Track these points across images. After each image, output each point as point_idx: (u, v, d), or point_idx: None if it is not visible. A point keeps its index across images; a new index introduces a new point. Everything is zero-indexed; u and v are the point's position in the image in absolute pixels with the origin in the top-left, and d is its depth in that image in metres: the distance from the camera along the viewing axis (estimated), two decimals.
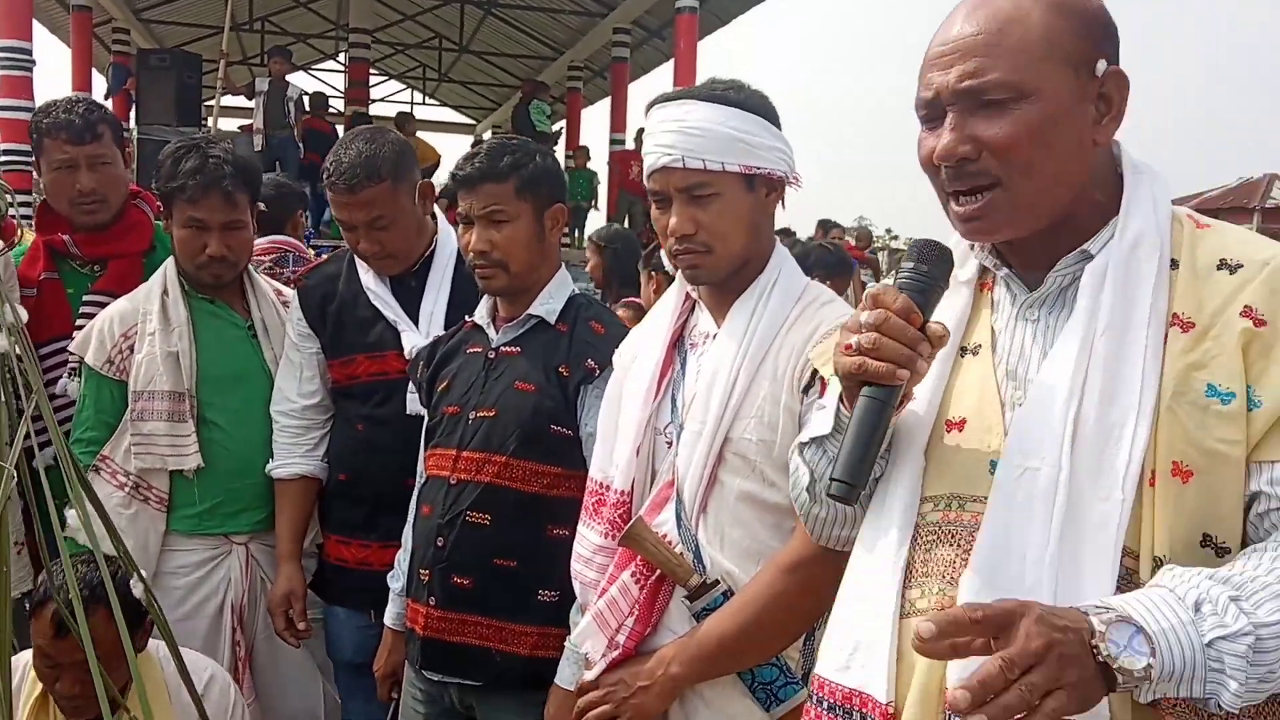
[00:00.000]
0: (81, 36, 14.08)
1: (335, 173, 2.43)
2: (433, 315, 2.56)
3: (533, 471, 2.10)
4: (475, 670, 2.12)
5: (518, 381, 2.15)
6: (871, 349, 1.18)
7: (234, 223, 2.55)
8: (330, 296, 2.60)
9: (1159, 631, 0.99)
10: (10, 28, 9.57)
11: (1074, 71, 1.18)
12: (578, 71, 17.27)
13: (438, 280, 2.59)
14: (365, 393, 2.55)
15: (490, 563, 2.09)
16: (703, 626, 1.69)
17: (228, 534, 2.56)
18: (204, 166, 2.50)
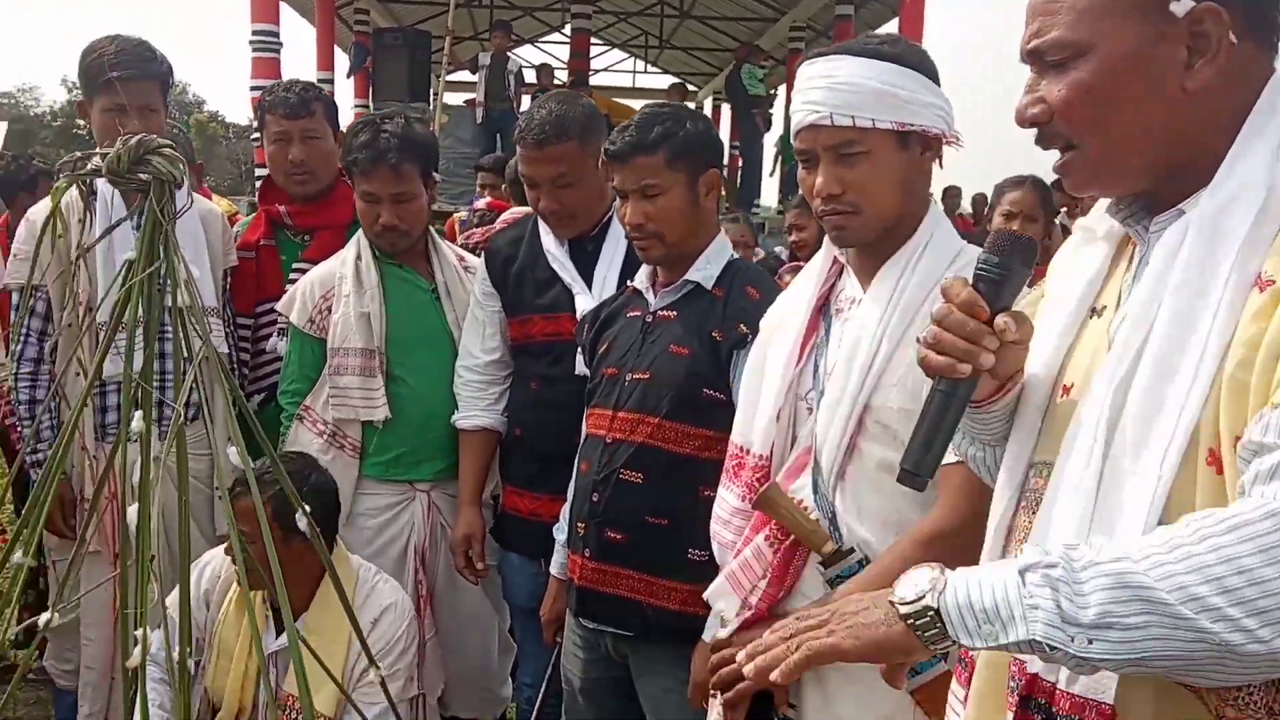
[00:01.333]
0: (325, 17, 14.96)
1: (526, 129, 2.55)
2: (606, 280, 2.64)
3: (685, 433, 2.15)
4: (627, 621, 2.20)
5: (672, 345, 2.19)
6: (932, 343, 1.20)
7: (402, 194, 2.71)
8: (512, 258, 2.72)
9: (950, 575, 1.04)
10: (260, 12, 10.32)
11: (1141, 17, 1.11)
12: (800, 32, 16.98)
13: (613, 246, 2.67)
14: (540, 352, 2.66)
15: (642, 520, 2.16)
16: (836, 593, 1.69)
17: (412, 481, 2.75)
18: (373, 141, 2.67)
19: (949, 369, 1.19)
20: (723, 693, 1.79)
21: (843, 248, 1.83)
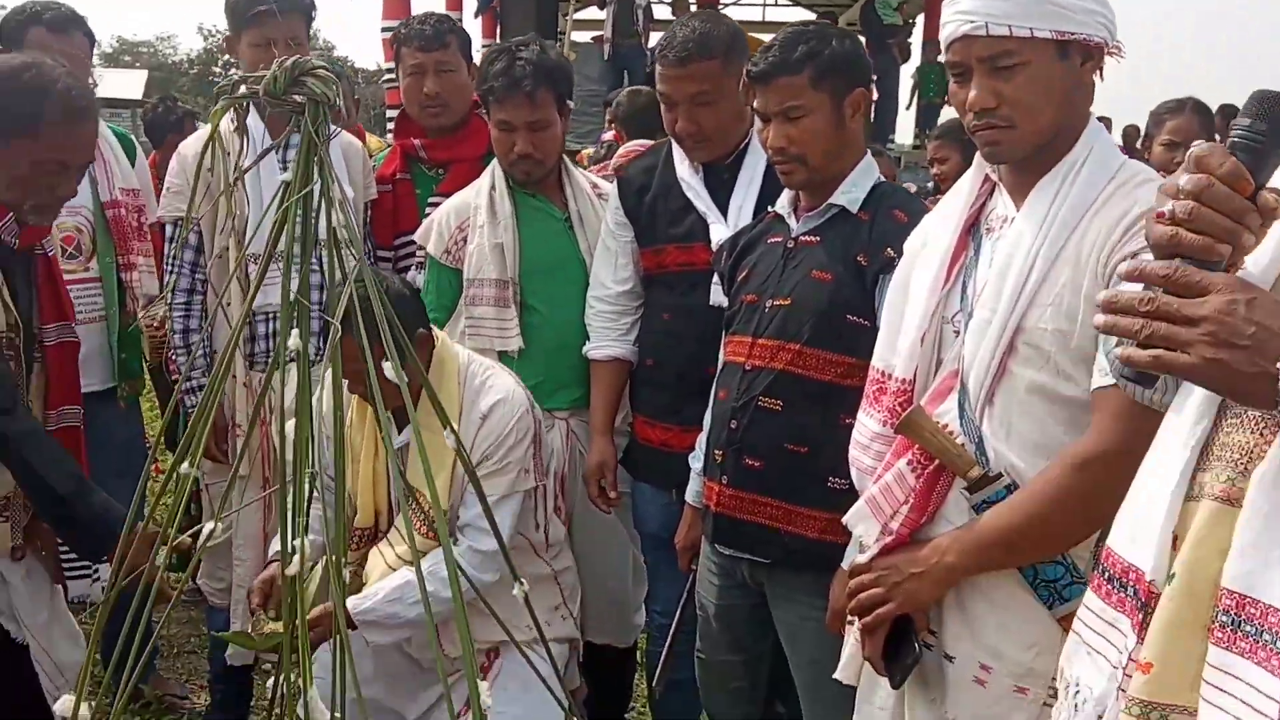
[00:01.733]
0: None
1: (668, 46, 2.53)
2: (741, 209, 2.61)
3: (826, 360, 2.12)
4: (764, 548, 2.19)
5: (815, 270, 2.16)
6: (1188, 219, 1.05)
7: (537, 122, 2.70)
8: (646, 187, 2.71)
9: None
10: None
11: None
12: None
13: (749, 174, 2.63)
14: (672, 282, 2.66)
15: (781, 447, 2.15)
16: (982, 519, 1.66)
17: (549, 410, 2.77)
18: (509, 69, 2.67)
19: (1207, 250, 1.04)
20: (861, 618, 1.78)
21: (996, 164, 1.77)
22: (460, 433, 2.31)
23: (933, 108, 13.26)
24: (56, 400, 2.25)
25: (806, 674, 2.22)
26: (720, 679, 2.43)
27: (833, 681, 1.97)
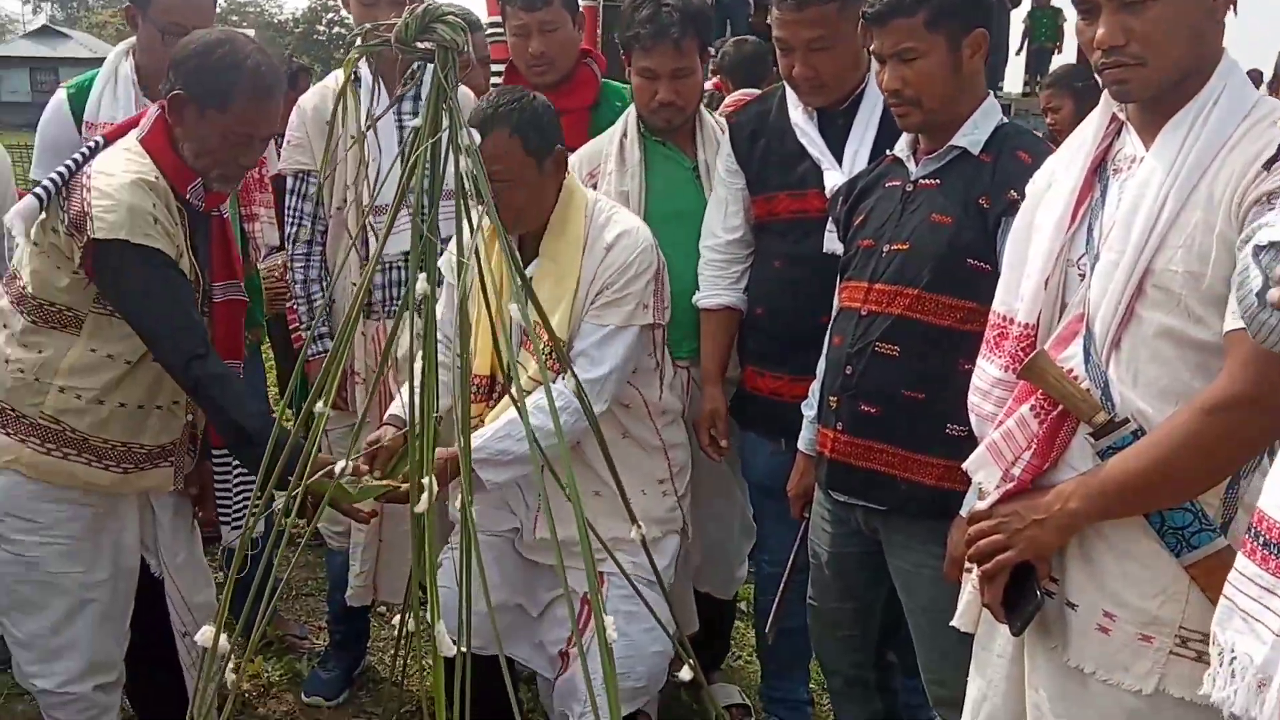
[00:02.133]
0: None
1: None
2: (857, 155, 2.58)
3: (945, 305, 2.10)
4: (880, 495, 2.19)
5: (934, 214, 2.14)
6: None
7: (682, 70, 2.71)
8: (758, 133, 2.70)
9: None
10: None
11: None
12: None
13: (865, 119, 2.60)
14: (785, 229, 2.65)
15: (898, 393, 2.14)
16: (1107, 465, 1.63)
17: (674, 358, 2.77)
18: (655, 16, 2.67)
19: None
20: (980, 565, 1.77)
21: (1124, 103, 1.72)
22: (584, 264, 2.41)
23: (1044, 53, 12.82)
24: (221, 354, 2.33)
25: (921, 622, 2.22)
26: (832, 627, 2.45)
27: (949, 629, 1.96)
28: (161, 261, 2.15)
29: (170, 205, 2.20)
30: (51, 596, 2.31)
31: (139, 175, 2.18)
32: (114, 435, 2.25)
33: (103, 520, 2.33)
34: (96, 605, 2.34)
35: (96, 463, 2.25)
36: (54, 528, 2.28)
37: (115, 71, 3.00)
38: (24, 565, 2.29)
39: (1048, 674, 1.70)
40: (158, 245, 2.13)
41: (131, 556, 2.40)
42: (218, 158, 2.23)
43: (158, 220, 2.15)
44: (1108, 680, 1.63)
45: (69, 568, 2.29)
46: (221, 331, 2.39)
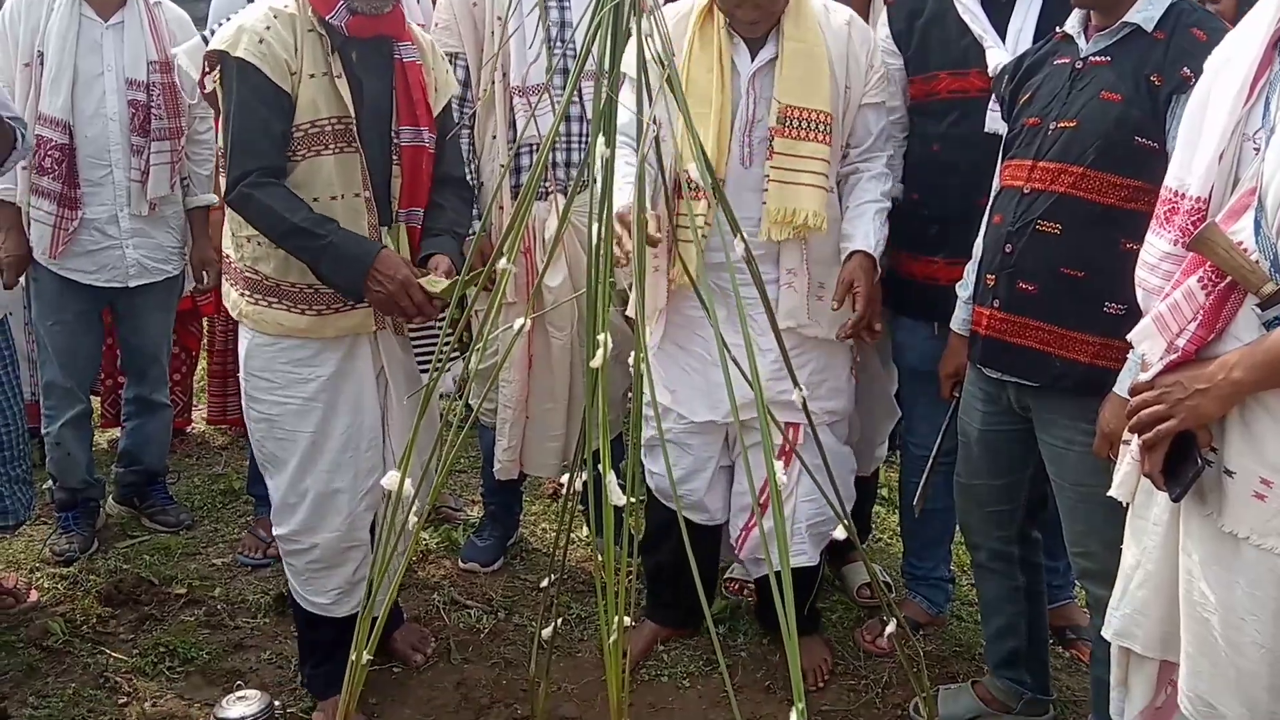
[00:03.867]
0: None
1: None
2: (1021, 33, 2.55)
3: (1110, 184, 2.09)
4: (1033, 372, 2.22)
5: (1104, 91, 2.12)
6: None
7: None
8: (918, 11, 2.68)
9: None
10: None
11: None
12: None
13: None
14: (943, 110, 2.64)
15: (1057, 271, 2.15)
16: (1273, 335, 1.63)
17: None
18: None
19: None
20: (1142, 435, 1.79)
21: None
22: (829, 43, 2.51)
23: None
24: (404, 201, 2.44)
25: (1070, 496, 2.25)
26: (979, 503, 2.50)
27: (1097, 504, 2.00)
28: (253, 76, 2.25)
29: (298, 29, 2.28)
30: (287, 454, 2.48)
31: (270, 3, 2.32)
32: (297, 278, 2.36)
33: (337, 383, 2.45)
34: (328, 460, 2.47)
35: (293, 308, 2.38)
36: (288, 387, 2.44)
37: None
38: (266, 422, 2.48)
39: (1201, 539, 1.72)
40: (253, 61, 2.24)
41: (370, 417, 2.50)
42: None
43: (264, 41, 2.24)
44: (1261, 545, 1.64)
45: (301, 426, 2.45)
46: (407, 177, 2.44)
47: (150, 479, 3.75)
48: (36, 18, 3.21)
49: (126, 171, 3.28)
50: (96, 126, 3.23)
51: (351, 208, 2.34)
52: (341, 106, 2.31)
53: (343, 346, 2.45)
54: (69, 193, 3.24)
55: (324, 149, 2.31)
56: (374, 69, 2.38)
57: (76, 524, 3.52)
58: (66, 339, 3.39)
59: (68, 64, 3.18)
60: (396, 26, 2.40)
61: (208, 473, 4.20)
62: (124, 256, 3.34)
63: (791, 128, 2.47)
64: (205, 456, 4.38)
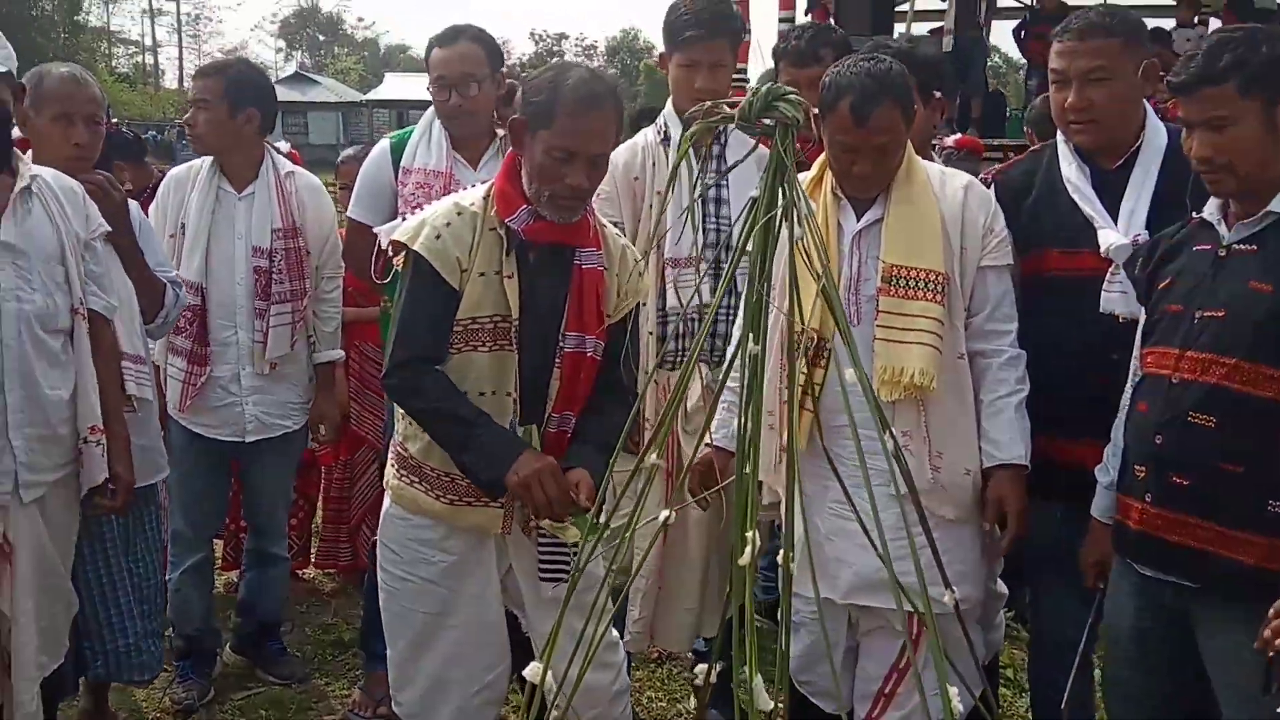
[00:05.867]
0: None
1: (1069, 22, 2.53)
2: (1134, 213, 2.52)
3: (1266, 376, 2.02)
4: (1192, 572, 2.11)
5: (1252, 281, 2.06)
6: None
7: None
8: (1026, 190, 2.67)
9: None
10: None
11: None
12: None
13: (1142, 176, 2.54)
14: (1054, 288, 2.59)
15: (1214, 466, 2.06)
16: None
17: None
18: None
19: None
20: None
21: None
22: (942, 206, 2.50)
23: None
24: (559, 404, 2.41)
25: (1237, 707, 2.11)
26: (1133, 703, 2.34)
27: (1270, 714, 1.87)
28: (425, 269, 2.30)
29: (478, 227, 2.31)
30: (404, 628, 2.48)
31: (456, 200, 2.38)
32: (438, 464, 2.38)
33: (461, 572, 2.43)
34: (443, 648, 2.45)
35: (429, 491, 2.40)
36: (413, 564, 2.45)
37: (430, 126, 3.28)
38: (387, 592, 2.50)
39: None
40: (426, 255, 2.29)
41: (491, 611, 2.47)
42: (546, 178, 2.26)
43: (440, 236, 2.29)
44: None
45: (419, 605, 2.45)
46: (565, 381, 2.40)
47: (266, 630, 3.78)
48: (183, 193, 3.42)
49: (250, 333, 3.40)
50: (226, 290, 3.38)
51: (499, 404, 2.34)
52: (504, 306, 2.32)
53: (472, 537, 2.45)
54: (199, 350, 3.38)
55: (480, 345, 2.33)
56: (550, 272, 2.37)
57: (195, 672, 3.56)
58: (192, 489, 3.48)
59: (203, 231, 3.36)
60: (579, 235, 2.38)
61: (318, 622, 4.22)
62: (243, 413, 3.44)
63: (898, 287, 2.45)
64: (316, 604, 4.41)
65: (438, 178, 3.24)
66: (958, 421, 2.49)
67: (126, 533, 2.98)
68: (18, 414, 2.49)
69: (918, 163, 2.54)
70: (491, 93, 3.26)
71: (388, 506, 2.50)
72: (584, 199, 2.32)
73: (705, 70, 2.99)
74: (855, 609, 2.54)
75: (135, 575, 2.98)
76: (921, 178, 2.52)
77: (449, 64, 3.20)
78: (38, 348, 2.52)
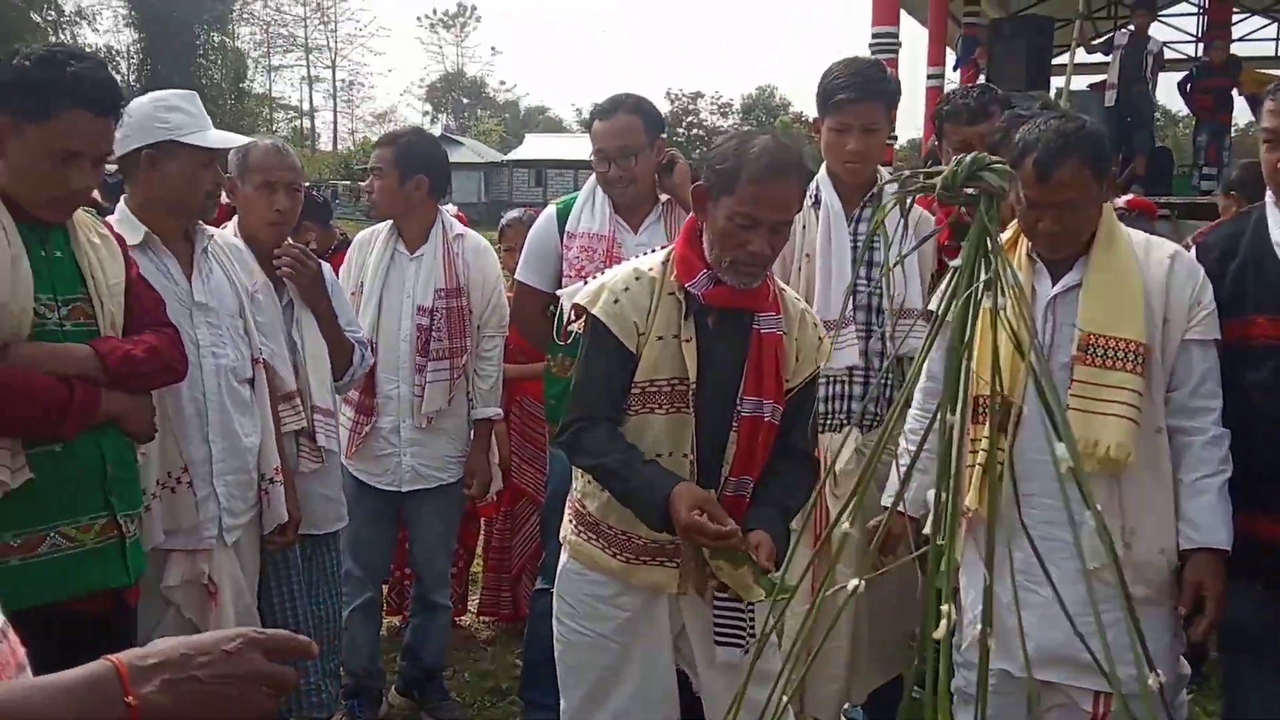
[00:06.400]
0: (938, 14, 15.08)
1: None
2: None
3: None
4: None
5: None
6: None
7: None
8: (1231, 254, 2.59)
9: None
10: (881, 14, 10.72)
11: None
12: None
13: None
14: (1262, 356, 2.50)
15: None
16: None
17: None
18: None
19: None
20: None
21: None
22: (1146, 275, 2.46)
23: None
24: (735, 469, 2.40)
25: None
26: None
27: None
28: (602, 333, 2.35)
29: (656, 292, 2.36)
30: (578, 681, 2.52)
31: (635, 265, 2.44)
32: (615, 522, 2.42)
33: (635, 629, 2.46)
34: (615, 703, 2.48)
35: (606, 549, 2.44)
36: (587, 618, 2.49)
37: (593, 192, 3.38)
38: (563, 644, 2.55)
39: None
40: (604, 319, 2.34)
41: (663, 669, 2.48)
42: (728, 244, 2.28)
43: (619, 301, 2.35)
44: None
45: (593, 659, 2.49)
46: (741, 446, 2.39)
47: (429, 674, 3.88)
48: (364, 254, 3.63)
49: (410, 387, 3.54)
50: (391, 345, 3.54)
51: (675, 466, 2.36)
52: (682, 369, 2.34)
53: (647, 595, 2.47)
54: (366, 401, 3.55)
55: (657, 408, 2.36)
56: (728, 336, 2.39)
57: (361, 711, 3.69)
58: (359, 532, 3.61)
59: (376, 290, 3.55)
60: (759, 299, 2.39)
61: (476, 668, 4.31)
62: (401, 463, 3.58)
63: (1095, 356, 2.40)
64: (474, 650, 4.50)
65: (600, 241, 3.33)
66: (1154, 498, 2.42)
67: (309, 576, 3.12)
68: (220, 463, 2.65)
69: (1119, 228, 2.50)
70: (650, 161, 3.33)
71: (565, 561, 2.55)
72: (765, 265, 2.34)
73: (858, 133, 3.01)
74: (1036, 684, 2.47)
75: (316, 617, 3.12)
76: (1123, 244, 2.47)
77: (607, 137, 3.30)
78: (233, 398, 2.69)
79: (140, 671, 1.07)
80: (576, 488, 2.52)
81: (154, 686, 1.07)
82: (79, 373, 2.24)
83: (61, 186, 2.22)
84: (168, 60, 40.07)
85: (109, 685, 1.06)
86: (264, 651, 1.12)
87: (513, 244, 4.54)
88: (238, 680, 1.10)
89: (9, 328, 2.14)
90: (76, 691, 1.06)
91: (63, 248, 2.30)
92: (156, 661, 1.08)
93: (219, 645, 1.11)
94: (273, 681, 1.11)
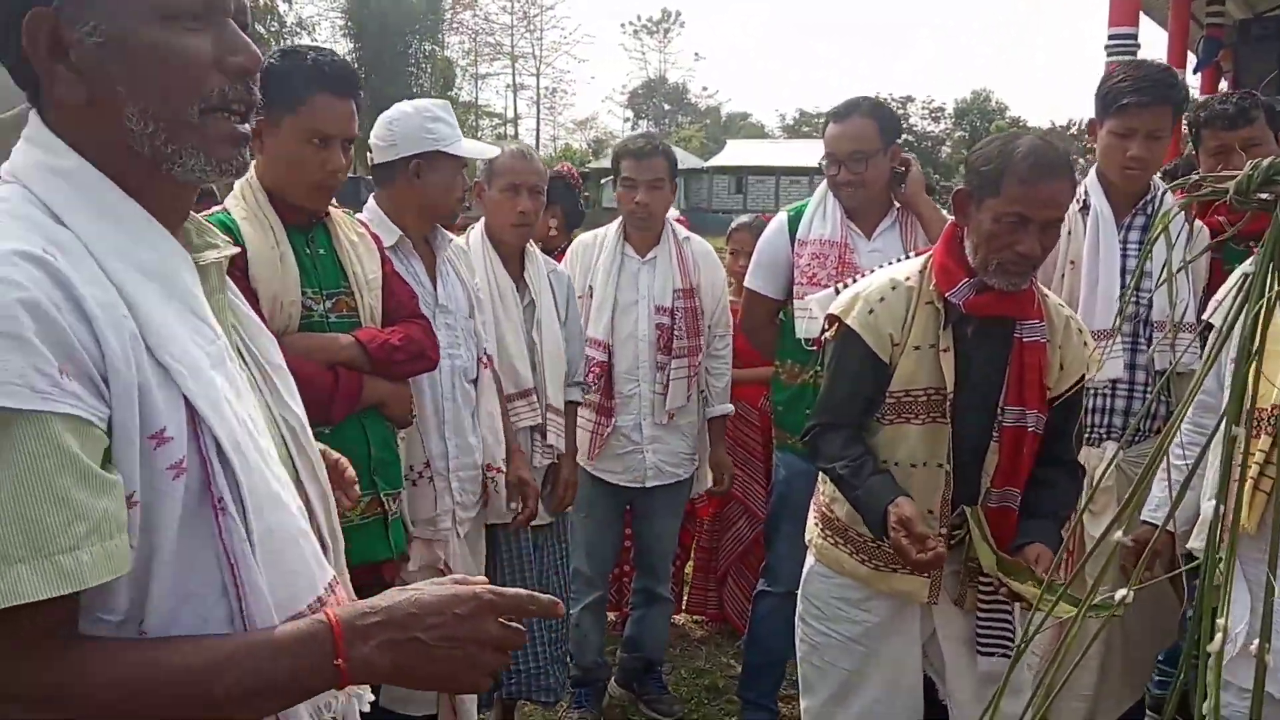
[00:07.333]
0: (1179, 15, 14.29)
1: None
2: None
3: None
4: None
5: None
6: None
7: None
8: None
9: None
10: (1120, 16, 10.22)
11: None
12: None
13: None
14: None
15: None
16: None
17: None
18: None
19: None
20: None
21: None
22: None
23: None
24: (998, 480, 2.36)
25: None
26: None
27: None
28: (855, 343, 2.36)
29: (913, 301, 2.34)
30: (822, 683, 2.55)
31: (891, 274, 2.42)
32: (863, 528, 2.39)
33: (883, 633, 2.46)
34: (859, 705, 2.48)
35: (855, 554, 2.45)
36: (835, 621, 2.51)
37: (824, 198, 3.38)
38: (808, 645, 2.58)
39: None
40: (857, 330, 2.35)
41: (910, 675, 2.47)
42: (995, 246, 2.24)
43: (874, 312, 2.34)
44: None
45: (840, 661, 2.50)
46: (1005, 456, 2.35)
47: (649, 666, 3.97)
48: (589, 258, 3.73)
49: (651, 385, 3.63)
50: (629, 347, 3.63)
51: (931, 477, 2.34)
52: (939, 379, 2.32)
53: (896, 601, 2.45)
54: (605, 403, 3.64)
55: (914, 418, 2.34)
56: (988, 345, 2.35)
57: (588, 700, 3.83)
58: (593, 531, 3.74)
59: (610, 294, 3.63)
60: (1022, 306, 2.34)
61: (691, 665, 4.37)
62: (644, 460, 3.67)
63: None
64: (687, 648, 4.56)
65: (832, 248, 3.31)
66: None
67: (540, 565, 3.25)
68: (454, 459, 2.79)
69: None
70: (884, 165, 3.30)
71: (811, 564, 2.57)
72: (1035, 266, 2.30)
73: (1141, 139, 2.90)
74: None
75: None
76: None
77: (838, 141, 3.28)
78: (464, 397, 2.83)
79: (358, 630, 1.02)
80: (824, 492, 2.54)
81: (372, 646, 1.02)
82: (346, 360, 2.40)
83: (320, 170, 2.37)
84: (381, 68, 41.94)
85: (321, 644, 1.02)
86: (499, 614, 1.08)
87: (738, 247, 4.58)
88: (465, 644, 1.05)
89: (281, 320, 2.32)
90: (288, 648, 1.01)
91: (325, 245, 2.46)
92: (379, 620, 1.03)
93: (451, 607, 1.05)
94: (503, 644, 1.08)
